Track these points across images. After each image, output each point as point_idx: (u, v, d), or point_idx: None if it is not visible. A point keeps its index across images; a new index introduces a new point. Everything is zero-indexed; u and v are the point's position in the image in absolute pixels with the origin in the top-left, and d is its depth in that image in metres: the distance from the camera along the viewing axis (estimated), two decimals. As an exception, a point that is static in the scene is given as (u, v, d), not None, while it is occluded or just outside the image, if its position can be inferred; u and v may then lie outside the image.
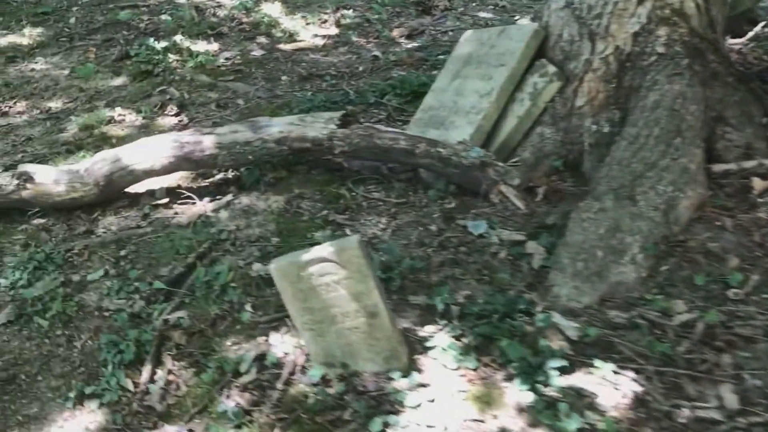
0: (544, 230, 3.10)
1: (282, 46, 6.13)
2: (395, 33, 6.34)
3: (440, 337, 2.55)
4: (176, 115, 4.80)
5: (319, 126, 3.61)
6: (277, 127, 3.65)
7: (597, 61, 3.38)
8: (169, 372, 2.64)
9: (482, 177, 3.30)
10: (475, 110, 3.66)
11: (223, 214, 3.55)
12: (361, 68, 5.49)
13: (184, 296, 2.97)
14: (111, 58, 5.90)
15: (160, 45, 5.87)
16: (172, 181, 3.95)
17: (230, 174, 3.95)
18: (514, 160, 3.46)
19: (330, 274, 2.37)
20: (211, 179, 3.95)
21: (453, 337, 2.55)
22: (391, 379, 2.43)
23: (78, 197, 3.65)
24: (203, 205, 3.64)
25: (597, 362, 2.35)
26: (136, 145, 3.71)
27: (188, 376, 2.61)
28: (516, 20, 6.60)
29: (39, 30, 6.70)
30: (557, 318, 2.56)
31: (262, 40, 6.31)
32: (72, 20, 6.92)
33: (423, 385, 2.39)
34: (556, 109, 3.52)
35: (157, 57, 5.71)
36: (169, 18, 6.76)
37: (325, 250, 2.35)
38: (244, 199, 3.65)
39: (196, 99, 5.03)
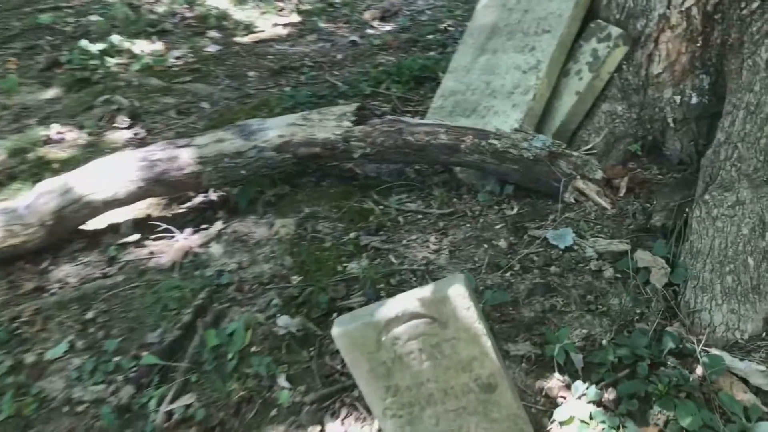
0: (648, 235, 2.40)
1: (239, 39, 5.28)
2: (367, 16, 5.57)
3: (573, 405, 1.81)
4: (129, 127, 3.91)
5: (330, 124, 2.82)
6: (275, 130, 2.84)
7: (675, 16, 2.68)
8: (189, 494, 1.82)
9: (552, 172, 2.57)
10: (520, 90, 2.93)
11: (216, 249, 2.72)
12: (339, 56, 4.70)
13: (188, 372, 2.14)
14: (37, 68, 4.93)
15: (96, 48, 4.94)
16: (139, 211, 3.09)
17: (213, 194, 3.12)
18: (586, 147, 2.74)
19: (425, 336, 1.61)
20: (188, 204, 3.12)
21: (591, 402, 1.81)
22: (522, 476, 1.68)
23: (19, 243, 2.75)
24: (186, 239, 2.81)
25: (819, 424, 1.65)
26: (92, 168, 2.84)
27: (218, 499, 1.80)
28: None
29: (-57, 42, 5.65)
30: (728, 359, 1.85)
31: (214, 34, 5.45)
32: (-17, 28, 5.89)
33: (574, 483, 1.65)
34: (627, 80, 2.81)
35: (93, 62, 4.79)
36: (100, 18, 5.81)
37: (414, 300, 1.58)
38: (239, 226, 2.83)
39: (150, 106, 4.15)
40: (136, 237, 2.90)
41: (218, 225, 2.87)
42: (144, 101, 4.23)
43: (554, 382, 1.91)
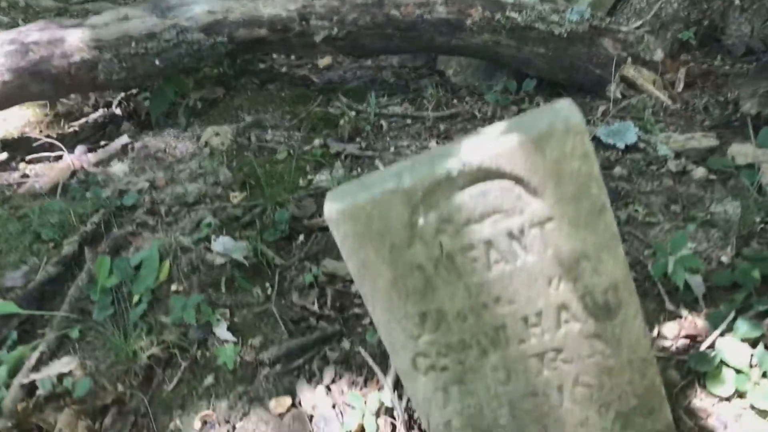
0: (732, 132, 1.72)
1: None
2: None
3: (716, 346, 1.09)
4: (8, 44, 3.02)
5: (280, -3, 2.04)
6: (202, 4, 2.03)
7: None
8: None
9: (593, 54, 1.87)
10: (533, -37, 2.22)
11: (119, 168, 1.90)
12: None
13: (68, 324, 1.32)
14: None
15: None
16: (12, 129, 2.24)
17: (116, 108, 2.29)
18: (635, 25, 2.05)
19: (500, 214, 0.85)
20: (85, 119, 2.28)
21: (743, 340, 1.09)
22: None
23: None
24: (77, 159, 1.97)
25: None
26: (-67, 53, 1.97)
27: None
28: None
29: None
30: None
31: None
32: None
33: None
34: (676, -54, 2.15)
35: (-32, -17, 3.85)
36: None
37: (482, 145, 0.83)
38: (153, 141, 2.01)
39: (39, 25, 3.25)
40: (3, 157, 2.05)
41: (123, 139, 2.04)
42: (31, 21, 3.33)
43: (664, 314, 1.19)
